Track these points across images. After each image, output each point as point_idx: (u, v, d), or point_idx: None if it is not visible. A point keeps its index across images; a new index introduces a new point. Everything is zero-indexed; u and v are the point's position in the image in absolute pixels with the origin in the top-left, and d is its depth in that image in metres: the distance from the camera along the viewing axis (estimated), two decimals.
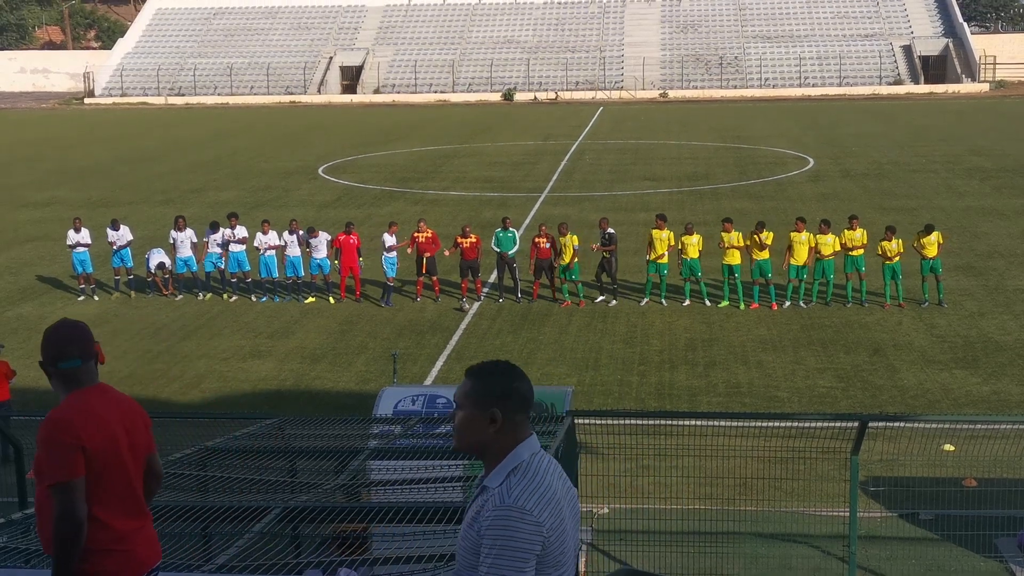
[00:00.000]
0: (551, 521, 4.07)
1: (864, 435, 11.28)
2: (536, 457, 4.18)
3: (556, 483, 4.19)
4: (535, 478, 4.11)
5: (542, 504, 4.06)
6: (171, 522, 6.99)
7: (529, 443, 4.19)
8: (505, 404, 4.13)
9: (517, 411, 4.15)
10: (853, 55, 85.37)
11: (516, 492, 4.06)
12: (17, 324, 23.88)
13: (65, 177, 46.22)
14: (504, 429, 4.14)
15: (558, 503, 4.14)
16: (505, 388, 4.15)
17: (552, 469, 4.22)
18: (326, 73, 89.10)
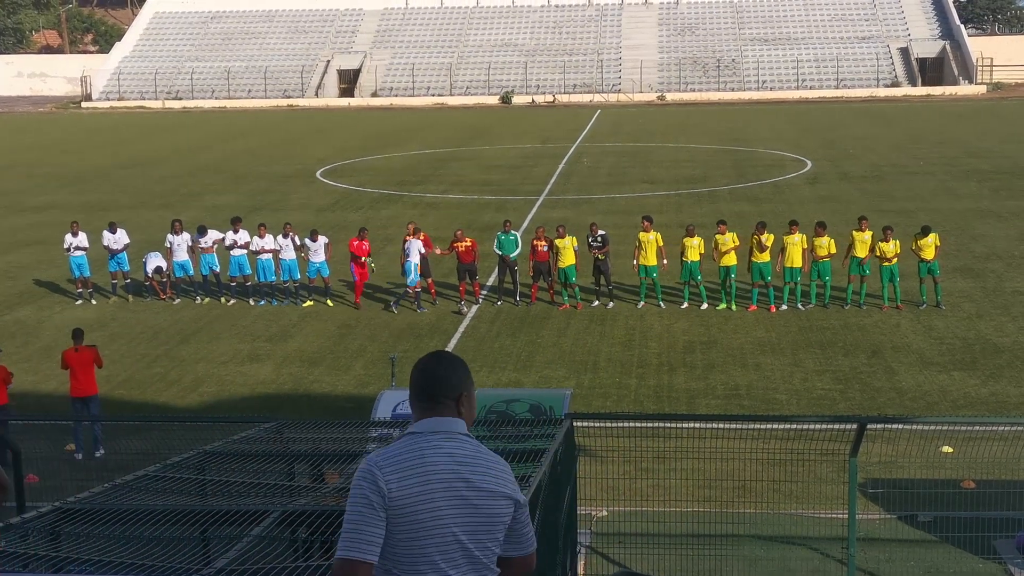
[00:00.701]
0: (403, 484, 4.28)
1: (863, 437, 11.27)
2: (418, 436, 4.42)
3: (438, 460, 4.34)
4: (405, 445, 4.40)
5: (395, 465, 4.32)
6: (170, 526, 6.98)
7: (428, 422, 4.46)
8: (412, 388, 4.59)
9: (420, 393, 4.55)
10: (850, 57, 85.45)
11: (376, 451, 4.48)
12: (15, 328, 23.87)
13: (62, 181, 46.21)
14: (413, 408, 4.56)
15: (429, 476, 4.31)
16: (413, 375, 4.63)
17: (440, 449, 4.37)
18: (323, 76, 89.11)
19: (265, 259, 25.13)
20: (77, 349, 17.17)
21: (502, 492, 4.41)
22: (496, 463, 4.47)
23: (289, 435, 11.11)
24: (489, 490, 4.38)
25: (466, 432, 4.50)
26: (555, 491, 8.81)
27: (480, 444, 4.52)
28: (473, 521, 4.36)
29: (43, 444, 15.71)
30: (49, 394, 19.55)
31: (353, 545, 4.24)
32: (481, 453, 4.45)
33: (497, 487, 4.40)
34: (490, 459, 4.46)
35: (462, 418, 4.53)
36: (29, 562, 6.31)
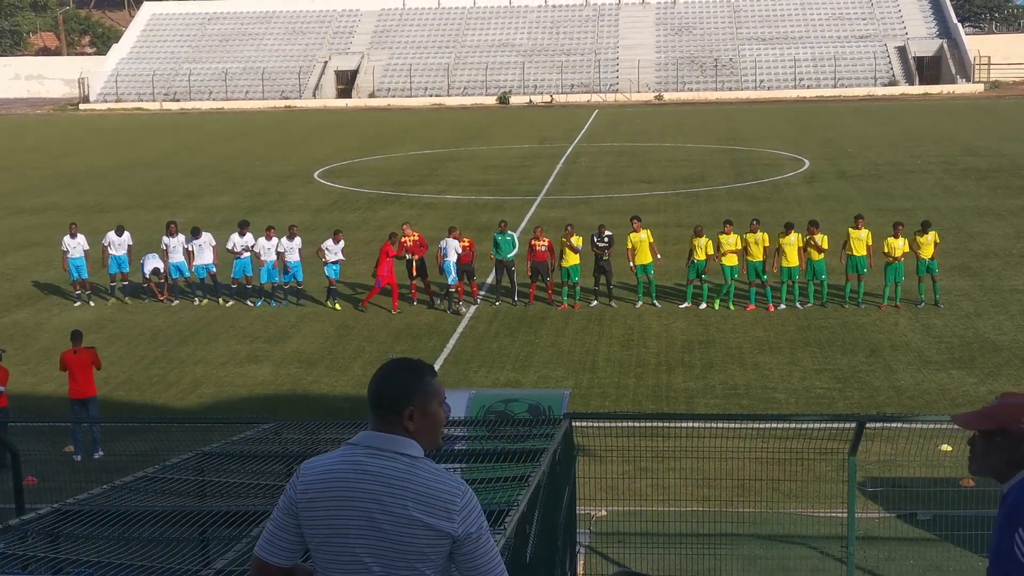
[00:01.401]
0: (313, 496, 4.16)
1: (861, 436, 11.28)
2: (349, 448, 4.23)
3: (351, 476, 4.14)
4: (332, 457, 4.25)
5: (312, 475, 4.21)
6: (169, 527, 6.98)
7: (364, 435, 4.25)
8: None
9: (370, 403, 4.30)
10: (848, 56, 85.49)
11: (313, 457, 4.35)
12: (14, 330, 23.85)
13: (60, 183, 46.19)
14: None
15: (336, 491, 4.14)
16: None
17: (348, 463, 4.17)
18: (321, 77, 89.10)
19: (270, 260, 25.14)
20: (76, 351, 17.17)
21: (423, 522, 4.05)
22: (431, 490, 4.08)
23: (288, 436, 11.11)
24: (406, 517, 4.05)
25: (407, 451, 4.15)
26: (554, 491, 8.81)
27: (426, 467, 4.14)
28: (382, 548, 4.09)
29: (42, 446, 15.72)
30: (48, 396, 19.54)
31: (264, 546, 4.28)
32: (415, 476, 4.09)
33: (418, 515, 4.05)
34: (425, 485, 4.09)
35: (410, 435, 4.19)
36: (28, 563, 6.30)
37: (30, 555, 6.45)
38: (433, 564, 4.14)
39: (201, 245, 25.69)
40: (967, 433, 4.74)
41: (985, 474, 4.78)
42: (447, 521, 4.08)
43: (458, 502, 4.12)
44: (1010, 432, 4.63)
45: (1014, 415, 4.63)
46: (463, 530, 4.10)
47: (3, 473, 14.72)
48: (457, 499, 4.12)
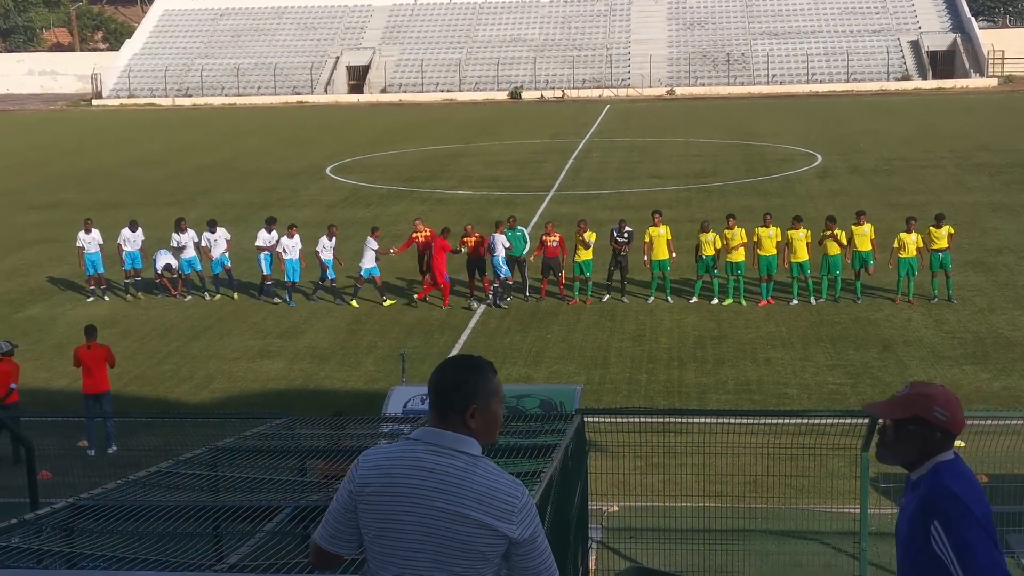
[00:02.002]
0: (372, 489, 4.18)
1: (874, 431, 11.25)
2: (408, 443, 4.25)
3: (411, 472, 4.15)
4: (391, 450, 4.26)
5: (371, 467, 4.23)
6: (182, 522, 7.01)
7: (424, 431, 4.27)
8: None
9: (430, 398, 4.32)
10: (860, 51, 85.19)
11: (372, 448, 4.39)
12: (27, 326, 23.95)
13: (73, 179, 46.33)
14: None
15: (395, 488, 4.15)
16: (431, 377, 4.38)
17: (408, 459, 4.18)
18: (333, 73, 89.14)
19: (293, 259, 24.88)
20: (90, 346, 17.25)
21: (481, 521, 4.06)
22: (490, 490, 4.09)
23: (300, 431, 11.14)
24: (463, 516, 4.06)
25: (467, 450, 4.15)
26: (566, 486, 8.82)
27: (485, 466, 4.16)
28: (438, 545, 4.09)
29: (56, 441, 15.80)
30: (62, 391, 19.63)
31: (323, 534, 4.33)
32: (475, 476, 4.11)
33: (476, 515, 4.06)
34: (484, 485, 4.10)
35: (471, 433, 4.19)
36: (43, 558, 6.34)
37: (45, 549, 6.49)
38: (489, 564, 4.14)
39: (216, 239, 25.72)
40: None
41: (895, 462, 4.83)
42: (505, 523, 4.08)
43: (517, 503, 4.12)
44: (924, 420, 4.70)
45: (928, 404, 4.71)
46: (520, 532, 4.11)
47: (17, 468, 14.80)
48: (516, 500, 4.12)
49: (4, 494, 14.74)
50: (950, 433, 4.71)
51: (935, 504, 4.60)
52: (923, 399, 4.73)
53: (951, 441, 4.74)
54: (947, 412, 4.68)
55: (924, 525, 4.57)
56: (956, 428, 4.72)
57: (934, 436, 4.66)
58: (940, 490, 4.61)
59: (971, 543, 4.46)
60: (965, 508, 4.53)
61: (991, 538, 4.53)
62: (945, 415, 4.67)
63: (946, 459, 4.72)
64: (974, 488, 4.63)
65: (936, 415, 4.62)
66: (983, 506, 4.61)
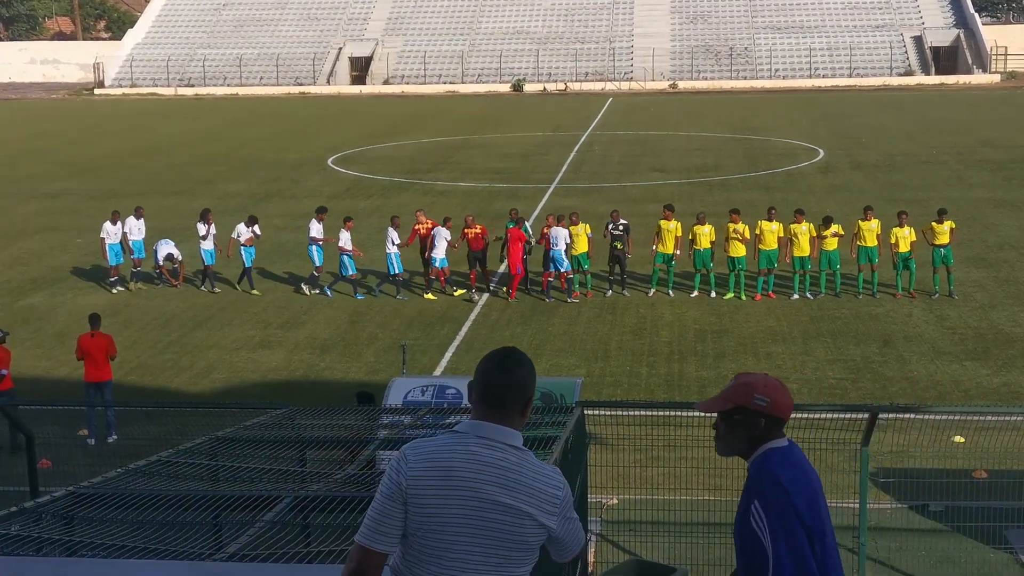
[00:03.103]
0: (424, 483, 4.16)
1: (874, 426, 11.26)
2: (458, 436, 4.25)
3: (464, 465, 4.17)
4: (442, 443, 4.25)
5: (422, 460, 4.19)
6: (182, 511, 7.02)
7: (474, 424, 4.27)
8: (474, 386, 4.36)
9: (478, 394, 4.31)
10: (864, 46, 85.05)
11: (415, 441, 4.35)
12: (28, 314, 23.96)
13: (75, 168, 46.31)
14: (471, 404, 4.36)
15: (448, 480, 4.16)
16: (476, 373, 4.36)
17: (460, 452, 4.20)
18: (335, 64, 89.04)
19: (347, 254, 24.55)
20: (93, 334, 17.28)
21: (531, 514, 4.19)
22: (540, 483, 4.23)
23: (300, 421, 11.15)
24: (517, 509, 4.17)
25: (516, 444, 4.26)
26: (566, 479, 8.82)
27: (533, 460, 4.28)
28: (489, 535, 4.18)
29: (56, 429, 15.81)
30: (62, 379, 19.64)
31: (368, 533, 4.20)
32: (524, 469, 4.22)
33: (528, 508, 4.18)
34: (535, 478, 4.22)
35: (520, 426, 4.30)
36: (43, 546, 6.35)
37: (45, 537, 6.50)
38: (532, 554, 4.27)
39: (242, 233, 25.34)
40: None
41: (730, 454, 4.90)
42: (550, 515, 4.23)
43: (561, 496, 4.28)
44: (746, 409, 4.77)
45: (748, 392, 4.77)
46: (559, 524, 4.27)
47: (17, 456, 14.82)
48: (561, 493, 4.28)
49: (4, 482, 14.77)
50: (776, 418, 4.77)
51: (756, 486, 4.72)
52: (743, 388, 4.80)
53: (779, 427, 4.80)
54: (768, 398, 4.73)
55: (746, 505, 4.70)
56: (781, 412, 4.78)
57: (759, 423, 4.73)
58: (763, 474, 4.72)
59: (781, 528, 4.58)
60: (783, 493, 4.63)
61: (809, 529, 4.63)
62: (766, 401, 4.72)
63: (778, 445, 4.78)
64: (800, 476, 4.71)
65: (756, 402, 4.68)
66: (806, 495, 4.70)
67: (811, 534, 4.66)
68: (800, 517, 4.63)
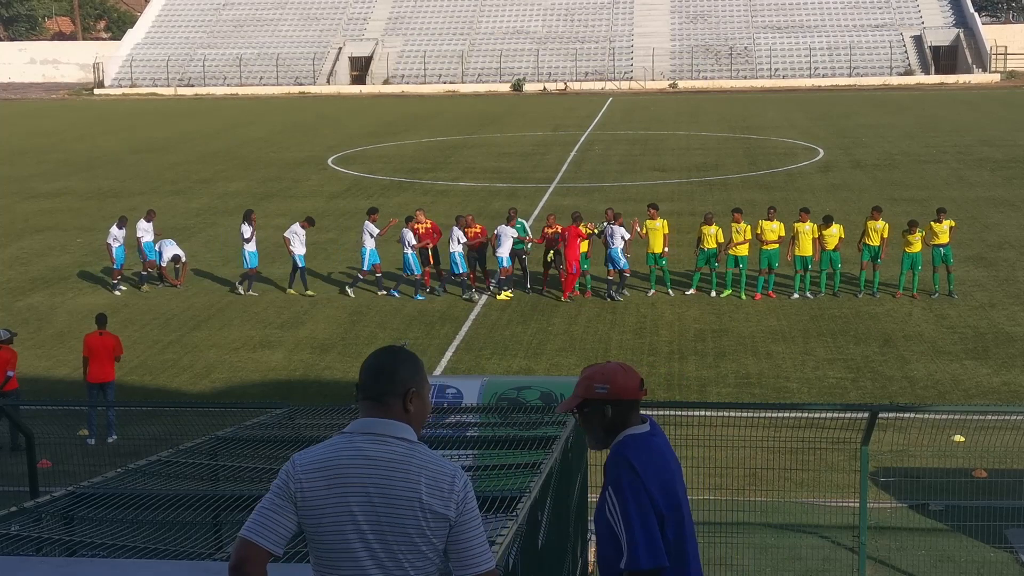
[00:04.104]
0: (311, 485, 4.11)
1: (874, 426, 11.26)
2: (344, 436, 4.22)
3: (351, 463, 4.13)
4: (328, 445, 4.21)
5: (309, 464, 4.16)
6: (182, 511, 7.01)
7: (360, 422, 4.24)
8: (359, 382, 4.35)
9: (362, 388, 4.31)
10: (863, 45, 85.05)
11: (305, 448, 4.28)
12: (28, 314, 23.96)
13: (75, 168, 46.31)
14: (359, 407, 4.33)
15: (337, 479, 4.11)
16: (361, 369, 4.38)
17: (359, 452, 4.15)
18: (335, 64, 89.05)
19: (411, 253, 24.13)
20: (101, 334, 17.32)
21: (426, 503, 4.08)
22: (433, 473, 4.12)
23: (300, 421, 11.14)
24: (409, 500, 4.07)
25: (404, 436, 4.17)
26: (566, 478, 8.82)
27: (424, 450, 4.19)
28: (385, 534, 4.09)
29: (56, 429, 15.80)
30: (63, 379, 19.64)
31: (252, 527, 4.12)
32: (416, 459, 4.13)
33: (416, 496, 4.08)
34: (426, 468, 4.12)
35: (408, 419, 4.22)
36: (43, 545, 6.35)
37: (45, 537, 6.49)
38: (434, 548, 4.15)
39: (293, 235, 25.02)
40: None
41: (597, 447, 4.93)
42: (446, 501, 4.11)
43: (458, 484, 4.16)
44: (591, 400, 4.80)
45: (588, 384, 4.82)
46: (456, 513, 4.14)
47: (17, 456, 14.82)
48: (457, 481, 4.16)
49: (4, 482, 14.77)
50: (623, 401, 4.77)
51: (610, 472, 4.76)
52: (584, 381, 4.84)
53: (632, 411, 4.81)
54: (606, 384, 4.75)
55: (602, 492, 4.75)
56: (626, 394, 4.79)
57: (606, 411, 4.75)
58: (617, 458, 4.75)
59: (634, 512, 4.61)
60: (635, 477, 4.65)
61: (662, 514, 4.65)
62: (605, 388, 4.74)
63: (636, 432, 4.80)
64: (655, 460, 4.71)
65: (597, 391, 4.70)
66: (660, 480, 4.71)
67: (665, 520, 4.67)
68: (653, 501, 4.64)
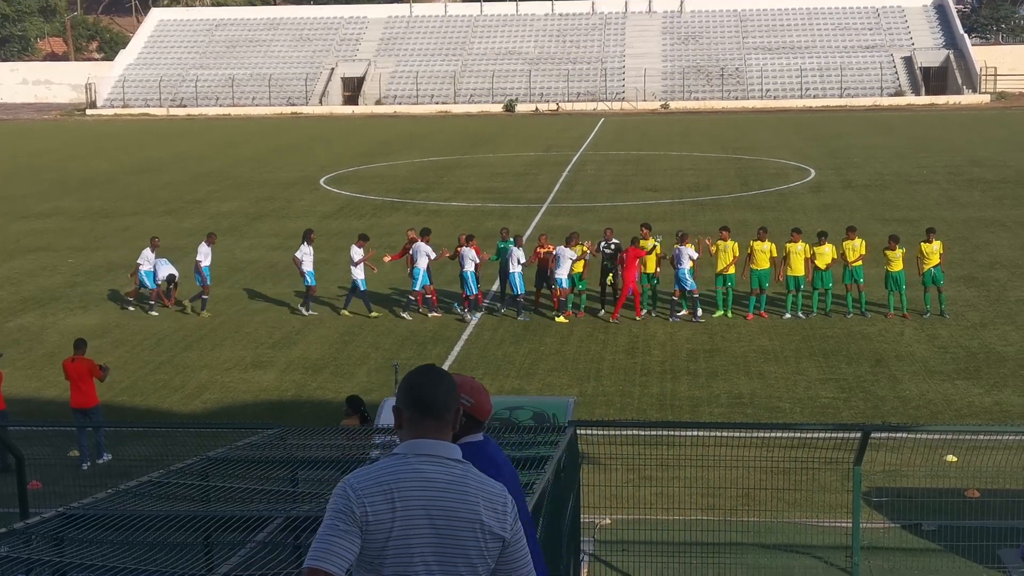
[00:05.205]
0: (375, 508, 4.12)
1: (867, 445, 11.26)
2: (399, 458, 4.23)
3: (413, 485, 4.16)
4: (384, 467, 4.22)
5: (369, 487, 4.15)
6: (173, 531, 6.98)
7: (414, 444, 4.27)
8: (405, 404, 4.36)
9: (414, 410, 4.32)
10: (854, 66, 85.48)
11: (355, 472, 4.29)
12: (19, 335, 23.88)
13: (67, 188, 46.27)
14: (401, 425, 4.35)
15: (403, 502, 4.13)
16: (406, 390, 4.38)
17: (418, 474, 4.18)
18: (328, 84, 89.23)
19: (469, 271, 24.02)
20: (74, 359, 17.02)
21: (485, 524, 4.19)
22: (487, 493, 4.24)
23: (292, 441, 11.12)
24: (470, 521, 4.18)
25: (456, 456, 4.28)
26: (558, 499, 8.80)
27: (475, 471, 4.29)
28: (445, 551, 4.17)
29: (46, 450, 15.74)
30: (52, 400, 19.56)
31: (320, 555, 4.10)
32: (471, 481, 4.24)
33: (477, 517, 4.18)
34: (481, 489, 4.24)
35: (452, 438, 4.35)
36: (33, 567, 6.32)
37: (35, 559, 6.46)
38: (488, 568, 4.23)
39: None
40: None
41: None
42: (501, 522, 4.22)
43: (509, 504, 4.28)
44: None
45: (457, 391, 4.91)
46: (511, 533, 4.25)
47: (6, 477, 14.74)
48: (508, 501, 4.28)
49: None
50: (475, 419, 5.03)
51: None
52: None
53: (478, 426, 5.06)
54: (472, 398, 5.01)
55: None
56: (480, 414, 5.06)
57: (460, 420, 4.80)
58: None
59: None
60: None
61: None
62: (470, 401, 4.99)
63: (472, 439, 5.01)
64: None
65: (462, 400, 4.80)
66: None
67: None
68: None
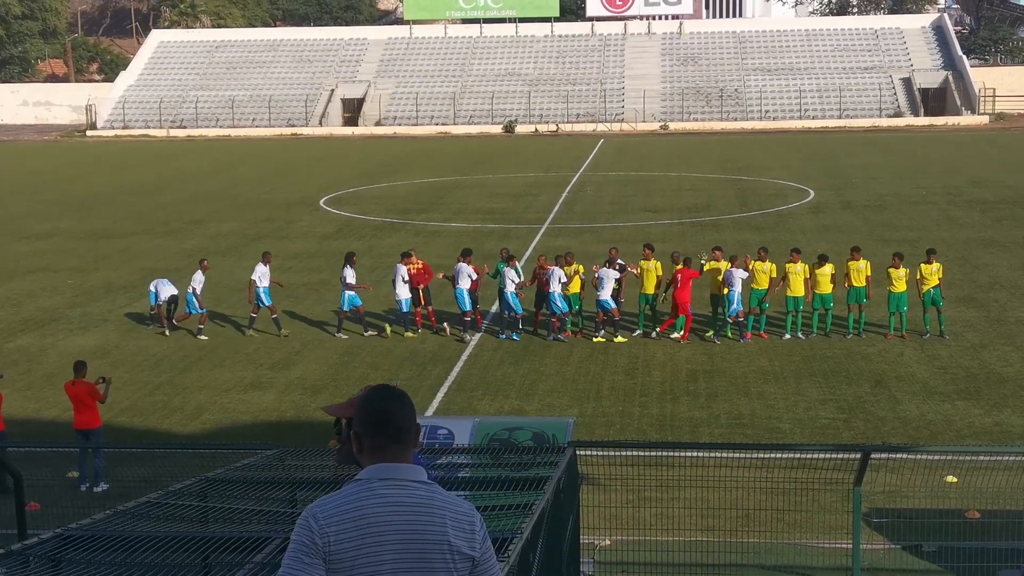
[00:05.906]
0: (339, 538, 4.07)
1: (867, 466, 11.24)
2: (374, 483, 4.18)
3: (379, 511, 4.11)
4: (348, 494, 4.17)
5: (333, 515, 4.10)
6: (171, 552, 6.96)
7: (378, 469, 4.20)
8: (361, 427, 4.28)
9: (373, 435, 4.24)
10: (853, 87, 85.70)
11: (318, 500, 4.22)
12: (18, 355, 23.86)
13: (67, 208, 46.32)
14: (362, 450, 4.27)
15: (368, 528, 4.09)
16: (366, 415, 4.29)
17: (383, 499, 4.14)
18: (327, 105, 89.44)
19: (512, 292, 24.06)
20: (74, 382, 17.03)
21: (453, 545, 4.14)
22: (455, 513, 4.19)
23: (291, 462, 11.09)
24: (438, 543, 4.13)
25: (421, 478, 4.23)
26: (558, 520, 8.78)
27: (440, 491, 4.24)
28: (413, 574, 4.13)
29: (44, 471, 15.70)
30: (52, 421, 19.53)
31: None
32: (434, 501, 4.19)
33: (444, 539, 4.14)
34: (448, 509, 4.19)
35: (411, 460, 4.29)
36: None
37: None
38: None
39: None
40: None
41: (350, 461, 5.03)
42: (470, 541, 4.18)
43: (477, 523, 4.23)
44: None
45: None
46: (480, 552, 4.21)
47: (5, 498, 14.69)
48: (476, 520, 4.23)
49: None
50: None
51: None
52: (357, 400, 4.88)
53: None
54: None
55: None
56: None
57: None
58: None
59: None
60: None
61: None
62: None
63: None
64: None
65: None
66: None
67: None
68: None
